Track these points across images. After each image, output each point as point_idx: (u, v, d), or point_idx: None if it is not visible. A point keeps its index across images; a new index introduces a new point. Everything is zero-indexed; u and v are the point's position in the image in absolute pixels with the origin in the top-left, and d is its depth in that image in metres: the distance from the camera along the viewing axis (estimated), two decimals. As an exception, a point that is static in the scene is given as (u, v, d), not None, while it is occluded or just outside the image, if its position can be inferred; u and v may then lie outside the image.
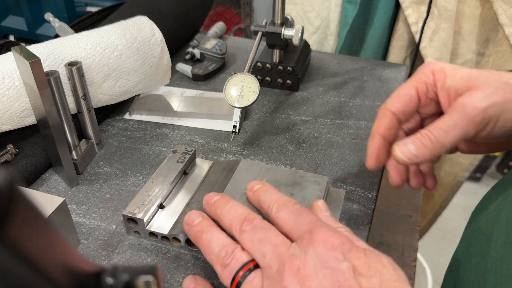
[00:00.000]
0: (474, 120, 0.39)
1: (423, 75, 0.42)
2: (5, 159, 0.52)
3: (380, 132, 0.43)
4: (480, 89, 0.39)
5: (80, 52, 0.53)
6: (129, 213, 0.44)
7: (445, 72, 0.41)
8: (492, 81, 0.39)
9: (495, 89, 0.39)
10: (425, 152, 0.40)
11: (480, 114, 0.39)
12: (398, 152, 0.40)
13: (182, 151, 0.52)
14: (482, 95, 0.39)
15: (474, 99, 0.39)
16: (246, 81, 0.56)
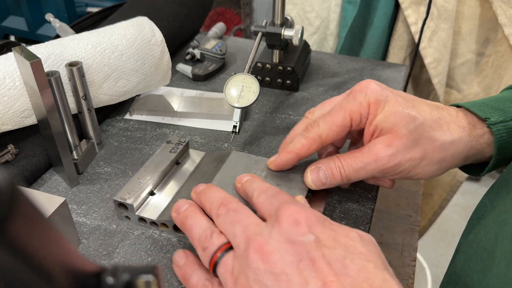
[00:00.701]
0: (383, 170, 0.41)
1: (360, 105, 0.42)
2: (6, 159, 0.52)
3: (299, 152, 0.44)
4: (401, 140, 0.40)
5: (80, 52, 0.53)
6: (119, 199, 0.45)
7: (378, 107, 0.42)
8: (418, 132, 0.40)
9: (415, 143, 0.40)
10: (333, 182, 0.43)
11: (391, 167, 0.41)
12: (309, 180, 0.44)
13: (175, 141, 0.53)
14: (399, 149, 0.40)
15: (388, 152, 0.40)
16: (246, 81, 0.56)
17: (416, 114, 0.41)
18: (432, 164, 0.42)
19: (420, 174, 0.42)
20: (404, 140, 0.40)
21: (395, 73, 0.75)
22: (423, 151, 0.41)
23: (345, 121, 0.42)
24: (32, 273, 0.16)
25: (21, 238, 0.15)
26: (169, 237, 0.46)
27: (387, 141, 0.41)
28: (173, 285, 0.41)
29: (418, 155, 0.41)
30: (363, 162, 0.42)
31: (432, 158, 0.41)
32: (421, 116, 0.41)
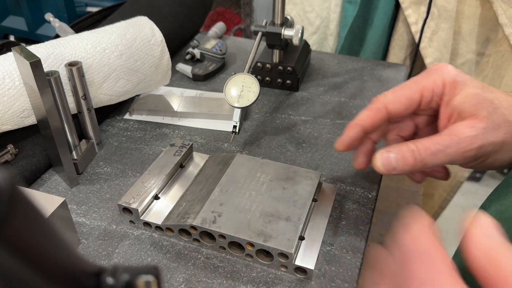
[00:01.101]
0: (464, 153, 0.38)
1: (433, 83, 0.40)
2: (5, 159, 0.52)
3: (364, 125, 0.41)
4: (483, 122, 0.38)
5: (80, 52, 0.53)
6: (124, 203, 0.45)
7: (456, 88, 0.39)
8: (497, 115, 0.38)
9: (497, 126, 0.38)
10: (405, 168, 0.39)
11: (473, 150, 0.38)
12: (378, 163, 0.39)
13: (179, 144, 0.53)
14: (481, 131, 0.38)
15: (472, 133, 0.38)
16: (246, 81, 0.56)
17: (493, 98, 0.39)
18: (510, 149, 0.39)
19: (499, 161, 0.40)
20: (486, 122, 0.38)
21: (395, 73, 0.75)
22: (504, 135, 0.38)
23: (415, 95, 0.40)
24: (32, 273, 0.16)
25: (21, 238, 0.15)
26: (169, 237, 0.46)
27: (469, 123, 0.38)
28: (173, 285, 0.41)
29: (500, 139, 0.38)
30: (443, 144, 0.38)
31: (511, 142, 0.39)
32: (497, 100, 0.39)
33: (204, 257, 0.44)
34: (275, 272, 0.42)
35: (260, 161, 0.50)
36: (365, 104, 0.67)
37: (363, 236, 0.46)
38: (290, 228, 0.42)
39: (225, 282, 0.41)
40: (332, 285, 0.41)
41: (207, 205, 0.44)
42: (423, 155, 0.38)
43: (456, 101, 0.39)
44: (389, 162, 0.39)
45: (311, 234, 0.44)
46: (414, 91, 0.40)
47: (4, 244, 0.14)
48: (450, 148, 0.38)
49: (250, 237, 0.41)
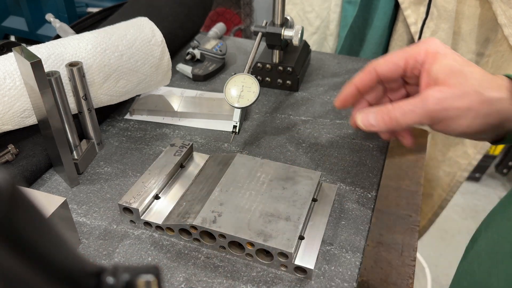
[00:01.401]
0: (430, 113, 0.43)
1: (417, 52, 0.45)
2: (6, 159, 0.52)
3: (357, 84, 0.48)
4: (451, 89, 0.43)
5: (81, 52, 0.53)
6: (124, 203, 0.45)
7: (436, 58, 0.44)
8: (467, 85, 0.43)
9: (464, 94, 0.42)
10: (381, 125, 0.45)
11: (438, 111, 0.42)
12: (358, 120, 0.46)
13: (179, 144, 0.53)
14: (448, 95, 0.42)
15: (439, 96, 0.43)
16: (246, 81, 0.56)
17: (468, 72, 0.43)
18: (477, 117, 0.43)
19: (463, 127, 0.44)
20: (454, 90, 0.42)
21: (395, 73, 0.75)
22: (471, 103, 0.42)
23: (400, 61, 0.46)
24: (32, 273, 0.16)
25: (21, 238, 0.15)
26: (170, 237, 0.46)
27: (439, 89, 0.43)
28: (173, 284, 0.41)
29: (465, 105, 0.42)
30: (413, 105, 0.43)
31: (478, 110, 0.43)
32: (473, 74, 0.43)
33: (204, 256, 0.44)
34: (275, 271, 0.42)
35: (260, 161, 0.50)
36: (365, 104, 0.67)
37: (362, 236, 0.46)
38: (290, 228, 0.42)
39: (225, 281, 0.42)
40: (332, 284, 0.41)
41: (207, 205, 0.44)
42: (397, 114, 0.44)
43: (433, 70, 0.44)
44: (367, 119, 0.46)
45: (311, 233, 0.44)
46: (400, 57, 0.46)
47: (4, 243, 0.14)
48: (418, 108, 0.43)
49: (250, 237, 0.41)
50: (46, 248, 0.17)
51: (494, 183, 1.83)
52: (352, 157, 0.56)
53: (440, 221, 1.35)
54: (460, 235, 1.61)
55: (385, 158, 0.57)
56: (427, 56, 0.45)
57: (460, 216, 1.66)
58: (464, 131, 0.44)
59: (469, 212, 1.69)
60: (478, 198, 1.75)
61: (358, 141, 0.59)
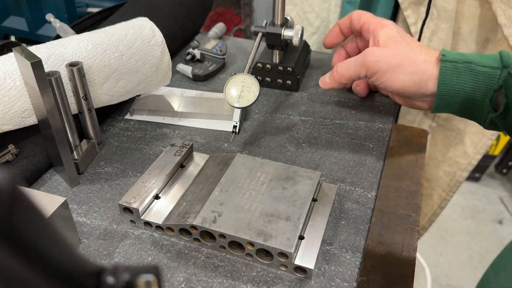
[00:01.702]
0: (366, 65, 0.54)
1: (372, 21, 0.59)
2: (6, 159, 0.52)
3: (340, 24, 0.65)
4: (386, 48, 0.54)
5: (81, 52, 0.53)
6: (125, 203, 0.45)
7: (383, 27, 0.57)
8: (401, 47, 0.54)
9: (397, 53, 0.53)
10: (332, 81, 0.59)
11: (371, 63, 0.54)
12: (319, 82, 0.62)
13: (179, 144, 0.53)
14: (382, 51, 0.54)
15: (374, 51, 0.54)
16: (246, 81, 0.56)
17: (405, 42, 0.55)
18: (405, 73, 0.53)
19: (393, 81, 0.54)
20: (389, 48, 0.54)
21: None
22: (400, 60, 0.53)
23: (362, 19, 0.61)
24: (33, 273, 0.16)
25: (21, 238, 0.15)
26: (170, 237, 0.46)
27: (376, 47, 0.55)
28: (174, 284, 0.41)
29: (395, 62, 0.53)
30: (354, 59, 0.56)
31: (406, 68, 0.52)
32: (409, 43, 0.55)
33: (204, 256, 0.44)
34: (275, 271, 0.42)
35: (260, 161, 0.50)
36: (365, 104, 0.67)
37: (362, 236, 0.46)
38: (290, 228, 0.42)
39: (225, 281, 0.42)
40: (332, 284, 0.41)
41: (207, 204, 0.44)
42: (342, 69, 0.57)
43: (379, 34, 0.56)
44: (324, 79, 0.61)
45: (311, 233, 0.44)
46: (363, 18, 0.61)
47: (4, 243, 0.14)
48: (358, 60, 0.55)
49: (250, 237, 0.41)
50: (46, 248, 0.17)
51: (494, 183, 1.83)
52: (352, 157, 0.57)
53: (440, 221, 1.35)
54: (460, 235, 1.61)
55: (385, 158, 0.57)
56: (377, 25, 0.58)
57: (460, 216, 1.67)
58: (398, 85, 0.54)
59: (469, 212, 1.69)
60: (478, 198, 1.75)
61: (358, 141, 0.59)
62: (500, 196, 1.77)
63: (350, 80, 0.58)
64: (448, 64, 0.51)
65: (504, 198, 1.76)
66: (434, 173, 0.96)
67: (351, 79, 0.57)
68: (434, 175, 0.96)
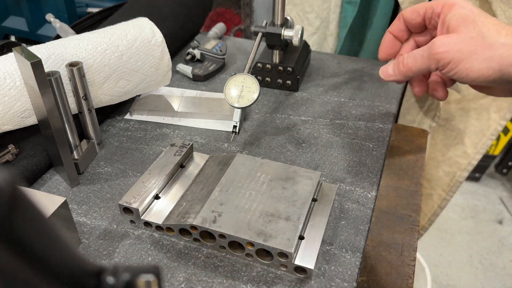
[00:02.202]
0: (435, 57, 0.47)
1: (436, 2, 0.50)
2: (6, 159, 0.52)
3: (391, 30, 0.54)
4: (458, 34, 0.47)
5: (81, 52, 0.53)
6: (125, 203, 0.45)
7: (451, 8, 0.49)
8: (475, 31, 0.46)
9: (469, 39, 0.46)
10: (397, 73, 0.52)
11: (440, 53, 0.47)
12: (380, 72, 0.54)
13: (179, 144, 0.53)
14: (454, 39, 0.46)
15: (443, 40, 0.47)
16: (246, 81, 0.56)
17: (480, 21, 0.46)
18: (480, 61, 0.45)
19: (469, 70, 0.46)
20: (461, 35, 0.46)
21: (395, 73, 0.75)
22: (473, 47, 0.45)
23: (421, 10, 0.52)
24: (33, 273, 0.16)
25: (22, 238, 0.15)
26: (170, 237, 0.46)
27: (445, 35, 0.47)
28: (174, 284, 0.41)
29: (468, 48, 0.45)
30: (422, 50, 0.49)
31: (481, 54, 0.45)
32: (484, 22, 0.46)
33: (204, 256, 0.44)
34: (275, 271, 0.42)
35: (260, 161, 0.50)
36: (365, 104, 0.67)
37: (362, 236, 0.46)
38: (290, 228, 0.42)
39: (225, 281, 0.42)
40: (332, 284, 0.41)
41: (207, 204, 0.44)
42: (409, 61, 0.50)
43: (447, 18, 0.48)
44: (386, 70, 0.53)
45: (311, 233, 0.44)
46: (422, 7, 0.52)
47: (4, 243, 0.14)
48: (426, 52, 0.48)
49: (250, 237, 0.41)
50: (46, 248, 0.17)
51: (494, 183, 1.83)
52: (352, 157, 0.57)
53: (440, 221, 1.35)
54: (460, 235, 1.61)
55: (385, 158, 0.57)
56: (444, 7, 0.49)
57: (460, 216, 1.66)
58: (475, 74, 0.46)
59: (469, 212, 1.69)
60: (478, 198, 1.75)
61: (358, 141, 0.59)
62: (500, 196, 1.77)
63: (417, 74, 0.52)
64: None
65: (504, 198, 1.76)
66: (434, 173, 0.96)
67: (419, 72, 0.51)
68: (434, 175, 0.96)
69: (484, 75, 0.46)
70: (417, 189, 0.54)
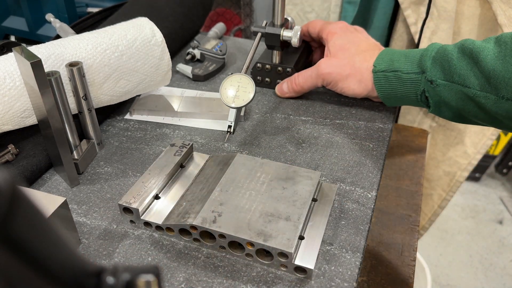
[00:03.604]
0: (321, 77, 0.62)
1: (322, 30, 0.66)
2: (6, 159, 0.52)
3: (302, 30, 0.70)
4: (336, 59, 0.62)
5: (81, 52, 0.53)
6: (124, 203, 0.45)
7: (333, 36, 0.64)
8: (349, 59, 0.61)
9: (344, 64, 0.61)
10: (291, 91, 0.66)
11: (325, 75, 0.62)
12: (276, 90, 0.68)
13: (179, 144, 0.53)
14: (333, 63, 0.61)
15: (326, 63, 0.62)
16: (242, 81, 0.56)
17: (351, 48, 0.62)
18: (354, 82, 0.61)
19: (348, 88, 0.62)
20: (338, 60, 0.61)
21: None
22: (348, 71, 0.61)
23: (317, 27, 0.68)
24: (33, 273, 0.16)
25: (22, 238, 0.15)
26: (170, 237, 0.46)
27: (327, 58, 0.63)
28: (173, 284, 0.41)
29: (345, 73, 0.61)
30: (310, 71, 0.63)
31: (354, 77, 0.61)
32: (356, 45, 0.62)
33: (204, 256, 0.44)
34: (275, 271, 0.42)
35: (260, 161, 0.50)
36: (365, 104, 0.67)
37: (362, 236, 0.46)
38: (290, 228, 0.42)
39: (225, 281, 0.42)
40: (332, 284, 0.41)
41: (207, 205, 0.44)
42: (300, 80, 0.64)
43: (329, 44, 0.64)
44: (282, 88, 0.67)
45: (311, 233, 0.44)
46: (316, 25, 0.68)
47: (4, 243, 0.14)
48: (314, 73, 0.63)
49: (250, 237, 0.41)
50: (46, 248, 0.17)
51: (494, 183, 1.83)
52: (352, 157, 0.57)
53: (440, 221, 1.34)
54: (460, 235, 1.61)
55: (385, 158, 0.57)
56: (328, 34, 0.65)
57: (460, 216, 1.66)
58: (350, 92, 0.62)
59: (469, 212, 1.69)
60: (478, 198, 1.75)
61: (358, 141, 0.59)
62: (500, 196, 1.77)
63: (308, 90, 0.65)
64: (379, 74, 0.59)
65: (504, 198, 1.76)
66: (434, 173, 0.96)
67: (310, 89, 0.64)
68: (434, 175, 0.96)
69: (357, 93, 0.62)
70: (417, 189, 0.54)
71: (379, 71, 0.59)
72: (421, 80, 0.55)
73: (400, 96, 0.59)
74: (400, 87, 0.58)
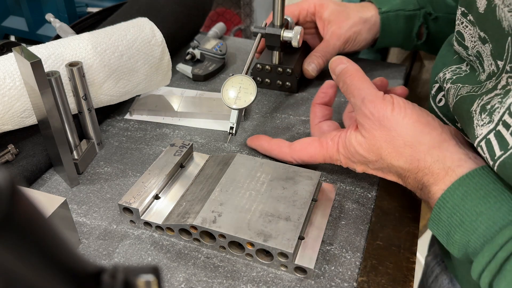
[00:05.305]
0: (341, 40, 0.68)
1: (307, 5, 0.70)
2: (6, 159, 0.52)
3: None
4: (345, 22, 0.68)
5: (81, 52, 0.53)
6: (124, 203, 0.45)
7: (323, 7, 0.69)
8: (352, 16, 0.68)
9: (354, 22, 0.68)
10: (321, 63, 0.68)
11: (344, 37, 0.68)
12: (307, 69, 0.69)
13: (179, 144, 0.53)
14: (346, 27, 0.68)
15: (342, 30, 0.68)
16: (244, 82, 0.56)
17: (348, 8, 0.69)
18: (366, 32, 0.68)
19: (362, 41, 0.69)
20: (346, 21, 0.68)
21: (395, 73, 0.75)
22: (359, 25, 0.68)
23: (295, 11, 0.70)
24: (32, 273, 0.16)
25: (21, 238, 0.15)
26: (170, 237, 0.46)
27: (337, 24, 0.68)
28: (173, 284, 0.41)
29: (358, 28, 0.68)
30: (328, 42, 0.69)
31: (365, 29, 0.68)
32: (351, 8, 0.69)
33: (204, 256, 0.44)
34: (275, 271, 0.42)
35: (260, 161, 0.50)
36: (365, 104, 0.67)
37: (362, 236, 0.46)
38: (290, 228, 0.42)
39: (225, 281, 0.42)
40: (332, 284, 0.41)
41: (207, 205, 0.44)
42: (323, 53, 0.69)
43: (325, 15, 0.68)
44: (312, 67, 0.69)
45: (311, 233, 0.44)
46: (295, 9, 0.70)
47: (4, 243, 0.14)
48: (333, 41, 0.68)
49: (250, 237, 0.41)
50: (45, 248, 0.17)
51: (494, 183, 1.82)
52: (352, 157, 0.56)
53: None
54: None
55: (385, 158, 0.57)
56: (315, 8, 0.69)
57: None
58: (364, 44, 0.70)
59: (469, 212, 1.68)
60: (478, 198, 1.75)
61: (358, 141, 0.59)
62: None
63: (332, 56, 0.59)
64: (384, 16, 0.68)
65: (504, 198, 1.75)
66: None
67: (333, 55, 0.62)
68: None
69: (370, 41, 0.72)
70: (417, 189, 0.54)
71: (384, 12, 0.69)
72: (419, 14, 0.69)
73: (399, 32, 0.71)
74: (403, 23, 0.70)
